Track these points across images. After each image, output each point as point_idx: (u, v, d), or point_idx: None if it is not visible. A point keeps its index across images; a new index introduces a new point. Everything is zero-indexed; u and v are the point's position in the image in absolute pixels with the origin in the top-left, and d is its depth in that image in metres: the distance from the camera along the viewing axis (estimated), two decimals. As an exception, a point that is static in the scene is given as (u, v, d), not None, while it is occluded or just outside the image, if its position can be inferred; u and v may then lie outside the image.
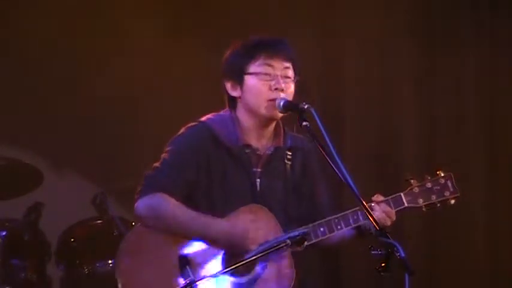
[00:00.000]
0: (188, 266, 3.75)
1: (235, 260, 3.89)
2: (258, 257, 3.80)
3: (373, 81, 6.74)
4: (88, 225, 6.21)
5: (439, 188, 4.17)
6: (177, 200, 4.06)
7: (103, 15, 6.71)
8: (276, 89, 4.08)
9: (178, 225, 4.03)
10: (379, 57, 6.75)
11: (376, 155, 6.71)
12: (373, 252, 3.53)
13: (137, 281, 4.02)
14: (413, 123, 6.74)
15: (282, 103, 4.05)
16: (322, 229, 4.03)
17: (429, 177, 4.18)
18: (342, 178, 3.72)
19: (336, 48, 6.75)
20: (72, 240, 6.12)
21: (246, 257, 3.84)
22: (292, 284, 4.01)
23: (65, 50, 6.69)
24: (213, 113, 4.25)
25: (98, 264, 6.04)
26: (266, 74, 4.09)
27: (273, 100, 4.08)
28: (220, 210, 4.06)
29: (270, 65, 4.09)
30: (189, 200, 4.10)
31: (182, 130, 4.20)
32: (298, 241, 3.81)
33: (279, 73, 4.09)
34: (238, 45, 4.20)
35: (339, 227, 4.05)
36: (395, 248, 3.47)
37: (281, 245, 3.80)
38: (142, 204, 4.10)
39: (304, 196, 4.25)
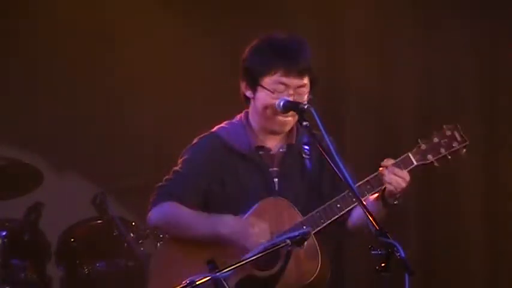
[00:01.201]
0: (217, 268, 3.74)
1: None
2: (258, 257, 3.79)
3: (373, 81, 6.74)
4: (88, 225, 6.22)
5: (446, 140, 4.08)
6: (188, 207, 4.10)
7: (106, 16, 6.71)
8: None
9: (188, 227, 4.07)
10: (379, 57, 6.75)
11: (375, 155, 6.70)
12: (373, 252, 3.53)
13: None
14: (413, 123, 6.74)
15: (281, 103, 4.05)
16: (338, 205, 4.02)
17: (435, 132, 4.10)
18: (342, 178, 3.73)
19: (336, 47, 6.75)
20: (72, 240, 6.13)
21: (246, 256, 3.83)
22: (318, 271, 4.00)
23: (64, 48, 6.69)
24: (226, 122, 4.26)
25: (98, 264, 6.04)
26: (279, 92, 4.06)
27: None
28: (238, 214, 4.07)
29: (284, 84, 4.06)
30: (205, 208, 4.13)
31: (194, 141, 4.23)
32: (298, 241, 3.80)
33: (292, 91, 4.06)
34: (258, 46, 4.13)
35: (354, 199, 3.97)
36: (395, 248, 3.47)
37: (281, 245, 3.79)
38: (154, 214, 4.16)
39: (327, 187, 4.20)
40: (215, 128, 4.24)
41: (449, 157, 4.08)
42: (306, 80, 4.10)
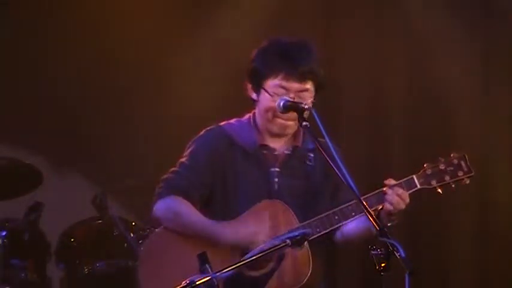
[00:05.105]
0: (207, 263, 3.75)
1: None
2: (258, 257, 3.80)
3: (368, 81, 6.76)
4: (88, 225, 6.22)
5: (452, 168, 4.11)
6: (194, 203, 4.13)
7: (107, 17, 6.72)
8: None
9: (190, 229, 4.10)
10: (374, 57, 6.77)
11: (368, 155, 6.72)
12: (373, 252, 3.53)
13: (159, 281, 4.05)
14: (406, 123, 6.75)
15: (282, 103, 4.05)
16: (336, 217, 4.04)
17: (442, 159, 4.13)
18: (342, 178, 3.73)
19: (334, 48, 6.77)
20: (72, 240, 6.13)
21: (246, 257, 3.84)
22: (308, 277, 4.01)
23: (64, 49, 6.70)
24: (235, 119, 4.28)
25: (98, 264, 6.05)
26: (279, 95, 4.07)
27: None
28: (236, 211, 4.09)
29: (284, 88, 4.07)
30: (206, 202, 4.17)
31: (201, 133, 4.26)
32: (298, 241, 3.80)
33: (292, 95, 4.07)
34: (265, 49, 4.16)
35: (353, 213, 4.03)
36: (395, 248, 3.47)
37: (281, 245, 3.80)
38: (160, 207, 4.17)
39: (326, 197, 4.22)
40: (223, 123, 4.27)
41: (453, 185, 4.13)
42: (308, 85, 4.09)
